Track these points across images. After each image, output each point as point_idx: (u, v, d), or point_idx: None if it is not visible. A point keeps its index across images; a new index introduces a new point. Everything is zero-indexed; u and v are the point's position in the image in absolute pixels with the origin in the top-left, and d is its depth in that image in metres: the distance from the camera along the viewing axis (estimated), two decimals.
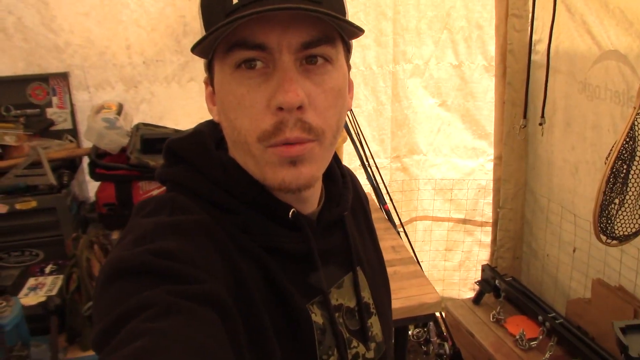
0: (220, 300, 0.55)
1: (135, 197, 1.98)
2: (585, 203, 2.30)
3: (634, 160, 1.75)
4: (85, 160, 2.14)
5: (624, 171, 1.77)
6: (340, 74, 0.65)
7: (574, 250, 2.42)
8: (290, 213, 0.67)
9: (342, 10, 0.64)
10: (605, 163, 1.78)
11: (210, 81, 0.68)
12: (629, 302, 2.10)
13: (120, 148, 2.02)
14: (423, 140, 2.79)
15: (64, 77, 2.21)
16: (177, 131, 2.20)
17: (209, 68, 0.67)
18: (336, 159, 0.79)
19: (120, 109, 2.10)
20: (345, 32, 0.64)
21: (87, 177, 2.15)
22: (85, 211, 2.13)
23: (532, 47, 2.45)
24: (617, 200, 1.80)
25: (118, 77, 2.30)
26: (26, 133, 2.11)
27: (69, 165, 2.13)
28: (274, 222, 0.68)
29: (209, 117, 0.73)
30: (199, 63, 2.15)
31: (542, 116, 2.40)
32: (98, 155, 2.00)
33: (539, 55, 2.44)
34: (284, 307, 0.66)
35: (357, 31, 0.63)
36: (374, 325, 0.79)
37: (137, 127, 2.15)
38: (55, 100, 2.21)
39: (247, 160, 0.65)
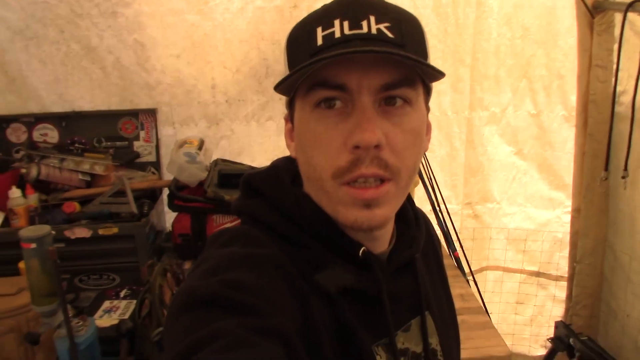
0: (288, 336, 0.55)
1: (209, 229, 2.05)
2: None
3: None
4: (165, 192, 2.25)
5: None
6: (419, 116, 0.65)
7: None
8: (360, 251, 0.67)
9: (424, 52, 0.65)
10: None
11: (290, 118, 0.70)
12: None
13: (198, 182, 2.11)
14: (497, 188, 2.73)
15: (152, 112, 2.36)
16: (253, 167, 2.28)
17: (290, 105, 0.69)
18: (410, 201, 0.79)
19: (201, 145, 2.21)
20: (426, 75, 0.64)
21: (166, 208, 2.26)
22: (161, 240, 2.23)
23: (616, 99, 2.37)
24: None
25: (202, 114, 2.43)
26: (114, 164, 2.26)
27: (150, 196, 2.25)
28: (344, 259, 0.67)
29: (284, 154, 0.76)
30: (278, 103, 2.25)
31: (625, 169, 2.30)
32: (177, 188, 2.10)
33: (623, 107, 2.36)
34: (350, 346, 0.65)
35: (437, 75, 0.63)
36: None
37: (216, 162, 2.24)
38: (142, 134, 2.36)
39: (320, 197, 0.66)
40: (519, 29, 2.51)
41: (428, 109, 0.70)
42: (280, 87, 0.65)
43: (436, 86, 2.27)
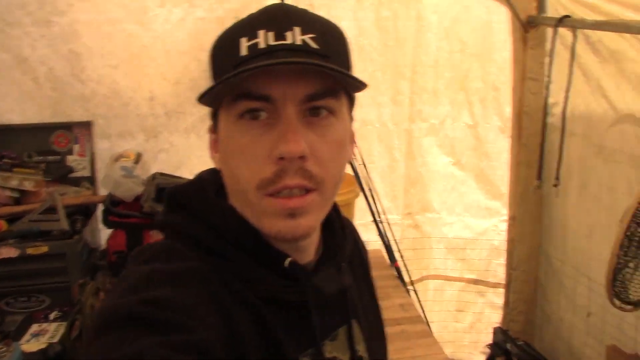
0: (211, 351, 0.54)
1: None
2: (600, 267, 2.24)
3: None
4: (101, 208, 2.19)
5: (639, 234, 1.74)
6: (343, 126, 0.66)
7: (588, 315, 2.36)
8: (287, 262, 0.67)
9: (348, 63, 0.66)
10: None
11: (214, 129, 0.70)
12: None
13: (134, 196, 2.06)
14: (436, 199, 2.78)
15: (87, 125, 2.28)
16: None
17: (214, 116, 0.68)
18: (336, 210, 0.79)
19: (138, 158, 2.15)
20: (349, 86, 0.65)
21: (101, 225, 2.20)
22: (95, 258, 2.16)
23: (548, 110, 2.47)
24: (632, 264, 1.77)
25: (140, 127, 2.37)
26: (45, 179, 2.17)
27: (83, 212, 2.18)
28: (270, 271, 0.67)
29: None
30: None
31: (557, 178, 2.39)
32: (113, 203, 2.04)
33: (554, 118, 2.45)
34: (276, 358, 0.65)
35: (360, 85, 0.64)
36: None
37: (154, 176, 2.19)
38: (76, 148, 2.29)
39: (244, 208, 0.66)
40: (457, 43, 2.58)
41: (352, 119, 0.71)
42: (204, 99, 0.64)
43: (376, 98, 2.31)
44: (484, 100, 2.65)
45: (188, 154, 2.43)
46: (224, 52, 0.64)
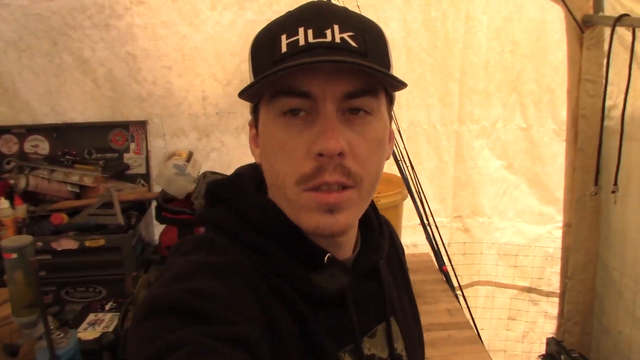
0: (253, 344, 0.55)
1: None
2: None
3: None
4: (154, 204, 2.25)
5: None
6: (381, 125, 0.66)
7: None
8: (325, 258, 0.67)
9: (387, 61, 0.66)
10: None
11: (254, 124, 0.71)
12: None
13: (186, 194, 2.11)
14: (487, 203, 2.72)
15: (143, 124, 2.36)
16: None
17: (255, 111, 0.70)
18: (374, 208, 0.80)
19: (189, 157, 2.21)
20: (388, 85, 0.66)
21: (155, 221, 2.26)
22: (149, 253, 2.22)
23: (606, 113, 2.38)
24: None
25: (192, 126, 2.43)
26: (103, 175, 2.26)
27: (138, 208, 2.25)
28: (309, 266, 0.68)
29: None
30: None
31: (615, 184, 2.30)
32: (165, 200, 2.10)
33: (613, 121, 2.36)
34: (315, 353, 0.65)
35: (400, 84, 0.64)
36: None
37: (205, 174, 2.24)
38: (132, 146, 2.37)
39: (283, 203, 0.67)
40: (508, 44, 2.52)
41: (391, 118, 0.71)
42: (244, 95, 0.66)
43: (425, 99, 2.28)
44: (538, 102, 2.58)
45: (239, 153, 2.48)
46: (263, 49, 0.66)
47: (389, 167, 2.15)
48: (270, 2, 2.33)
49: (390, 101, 0.70)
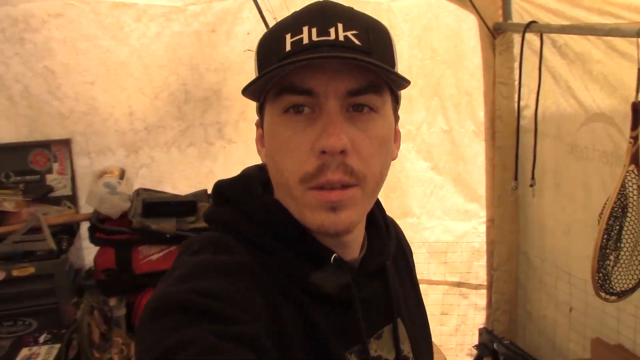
0: (260, 343, 0.55)
1: (135, 262, 1.97)
2: (579, 262, 2.33)
3: (626, 216, 1.80)
4: (84, 227, 2.14)
5: (617, 228, 1.82)
6: (386, 123, 0.66)
7: (570, 310, 2.43)
8: (332, 258, 0.67)
9: (392, 60, 0.67)
10: (598, 221, 1.83)
11: (260, 123, 0.71)
12: None
13: (121, 213, 2.02)
14: (416, 203, 2.83)
15: (66, 143, 2.24)
16: (176, 195, 2.22)
17: (260, 111, 0.70)
18: (380, 209, 0.81)
19: (122, 174, 2.12)
20: (393, 83, 0.66)
21: (84, 244, 2.15)
22: (81, 279, 2.10)
23: (520, 113, 2.55)
24: (612, 257, 1.84)
25: (119, 143, 2.34)
26: (25, 199, 2.11)
27: (67, 231, 2.12)
28: (316, 266, 0.68)
29: (206, 181, 0.75)
30: (199, 129, 2.25)
31: (532, 178, 2.47)
32: (99, 220, 2.00)
33: (526, 120, 2.54)
34: (322, 353, 0.65)
35: (403, 82, 0.65)
36: None
37: (138, 192, 2.17)
38: (56, 166, 2.23)
39: (288, 202, 0.67)
40: (428, 51, 2.65)
41: (397, 118, 0.72)
42: (248, 92, 0.66)
43: None
44: (458, 105, 2.73)
45: (169, 168, 2.41)
46: (268, 47, 0.66)
47: None
48: (196, 14, 2.30)
49: (396, 100, 0.70)
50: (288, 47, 0.62)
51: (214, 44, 2.33)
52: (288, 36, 0.63)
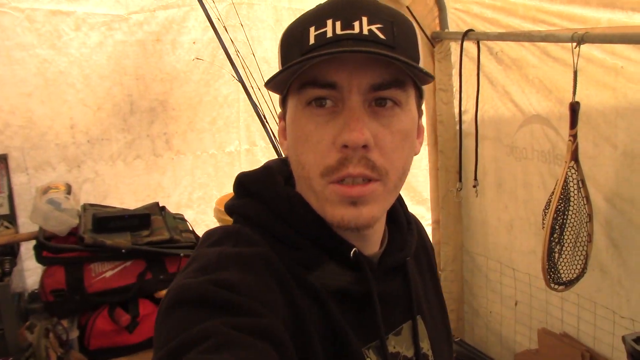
0: (278, 336, 0.55)
1: (87, 280, 1.87)
2: (522, 257, 2.45)
3: (568, 209, 1.92)
4: (25, 246, 2.01)
5: (560, 221, 1.93)
6: (409, 118, 0.66)
7: (515, 304, 2.55)
8: (352, 253, 0.67)
9: (416, 54, 0.66)
10: (543, 216, 1.93)
11: (283, 116, 0.70)
12: (576, 347, 2.22)
13: (69, 229, 1.91)
14: None
15: (1, 159, 2.09)
16: (125, 210, 2.13)
17: (283, 103, 0.69)
18: (402, 205, 0.80)
19: (69, 189, 2.01)
20: (417, 78, 0.65)
21: (25, 265, 2.02)
22: (25, 302, 1.97)
23: (461, 117, 2.66)
24: (557, 249, 1.95)
25: (60, 158, 2.22)
26: None
27: (7, 253, 1.98)
28: (335, 260, 0.67)
29: (154, 194, 0.74)
30: (146, 140, 2.22)
31: (475, 179, 2.58)
32: (45, 238, 1.88)
33: (466, 124, 2.65)
34: (340, 348, 0.65)
35: (427, 77, 0.65)
36: None
37: (84, 207, 2.06)
38: None
39: (309, 195, 0.66)
40: None
41: (420, 112, 0.71)
42: (271, 85, 0.65)
43: None
44: None
45: (115, 182, 2.32)
46: (292, 41, 0.65)
47: None
48: (140, 22, 2.24)
49: (420, 95, 0.70)
50: (312, 41, 0.62)
51: (160, 53, 2.28)
52: (312, 29, 0.63)
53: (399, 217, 0.78)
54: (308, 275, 0.65)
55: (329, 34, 0.61)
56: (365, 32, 0.62)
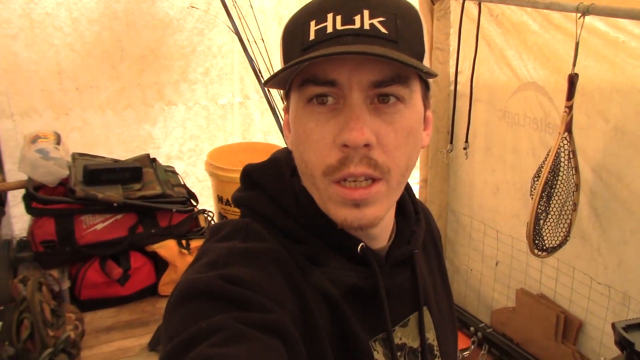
0: (287, 331, 0.56)
1: (78, 232, 1.86)
2: (506, 220, 2.51)
3: (557, 179, 1.95)
4: (12, 195, 1.98)
5: (548, 189, 1.97)
6: (413, 113, 0.63)
7: (496, 264, 2.63)
8: (359, 248, 0.67)
9: (421, 49, 0.63)
10: (532, 186, 1.97)
11: (287, 109, 0.69)
12: (551, 308, 2.31)
13: (59, 180, 1.89)
14: None
15: None
16: (117, 161, 2.10)
17: (287, 97, 0.67)
18: (410, 195, 0.79)
19: (58, 139, 1.97)
20: (421, 72, 0.62)
21: (12, 213, 2.00)
22: (13, 251, 1.96)
23: (458, 78, 2.64)
24: (542, 217, 2.00)
25: (47, 104, 2.16)
26: None
27: None
28: (343, 255, 0.68)
29: (144, 145, 0.73)
30: (136, 89, 2.16)
31: (466, 141, 2.59)
32: (35, 188, 1.86)
33: (461, 85, 2.64)
34: (347, 341, 0.66)
35: (430, 73, 0.63)
36: None
37: (74, 157, 2.03)
38: None
39: (313, 192, 0.66)
40: None
41: (427, 105, 0.69)
42: (272, 83, 0.63)
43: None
44: None
45: (105, 132, 2.27)
46: (293, 35, 0.63)
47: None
48: None
49: (427, 87, 0.67)
50: (312, 36, 0.60)
51: None
52: (312, 23, 0.60)
53: (407, 208, 0.78)
54: (316, 270, 0.66)
55: (329, 29, 0.59)
56: (366, 26, 0.59)
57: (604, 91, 1.95)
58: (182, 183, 2.10)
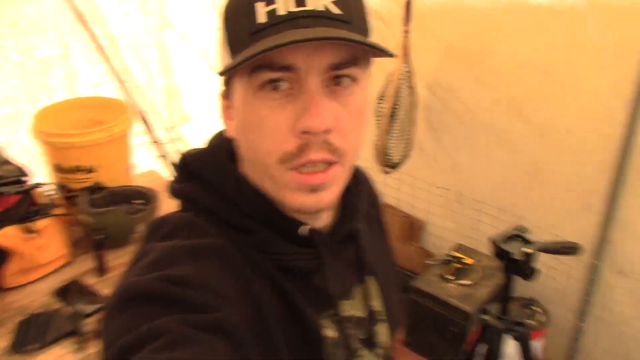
0: (233, 330, 0.55)
1: None
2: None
3: (399, 100, 2.12)
4: None
5: (391, 111, 2.13)
6: (365, 94, 0.63)
7: None
8: (304, 230, 0.66)
9: (367, 26, 0.62)
10: (379, 108, 2.11)
11: (226, 95, 0.65)
12: (396, 214, 2.58)
13: None
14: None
15: None
16: None
17: (227, 82, 0.63)
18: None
19: None
20: (374, 54, 0.61)
21: None
22: None
23: None
24: (387, 136, 2.17)
25: None
26: None
27: None
28: (289, 240, 0.67)
29: None
30: None
31: None
32: None
33: None
34: (297, 324, 0.66)
35: (385, 53, 0.59)
36: (382, 332, 0.79)
37: None
38: None
39: (264, 180, 0.63)
40: None
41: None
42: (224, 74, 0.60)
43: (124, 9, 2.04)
44: None
45: None
46: (238, 16, 0.58)
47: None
48: None
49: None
50: (261, 19, 0.56)
51: None
52: (260, 5, 0.56)
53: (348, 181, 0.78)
54: (262, 258, 0.65)
55: (281, 11, 0.55)
56: (320, 7, 0.56)
57: (435, 13, 2.11)
58: (8, 159, 1.79)
